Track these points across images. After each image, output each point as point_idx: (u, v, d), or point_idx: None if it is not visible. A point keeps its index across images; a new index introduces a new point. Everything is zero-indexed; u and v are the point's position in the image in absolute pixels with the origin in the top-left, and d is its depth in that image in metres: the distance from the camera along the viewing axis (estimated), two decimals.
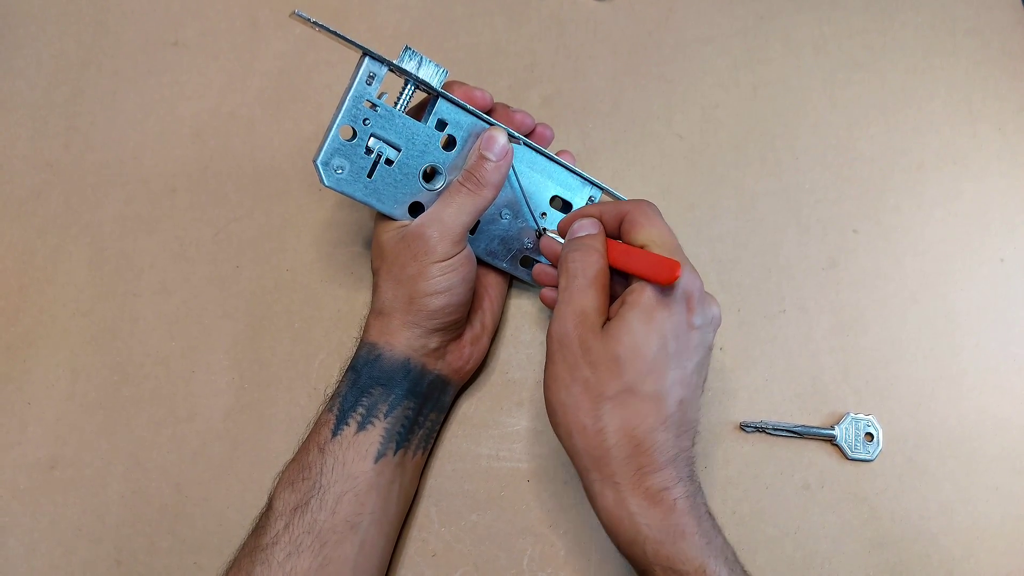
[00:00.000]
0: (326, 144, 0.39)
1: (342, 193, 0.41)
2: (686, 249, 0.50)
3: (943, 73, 0.55)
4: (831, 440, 0.46)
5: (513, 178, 0.45)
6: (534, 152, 0.45)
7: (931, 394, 0.48)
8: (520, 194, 0.46)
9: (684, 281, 0.37)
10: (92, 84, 0.55)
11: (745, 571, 0.37)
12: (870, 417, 0.47)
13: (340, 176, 0.40)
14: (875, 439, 0.46)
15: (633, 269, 0.38)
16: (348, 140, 0.40)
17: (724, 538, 0.37)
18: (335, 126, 0.39)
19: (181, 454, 0.47)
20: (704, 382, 0.39)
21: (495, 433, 0.47)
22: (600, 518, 0.37)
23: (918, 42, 0.55)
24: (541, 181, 0.46)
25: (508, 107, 0.45)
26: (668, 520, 0.35)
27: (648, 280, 0.37)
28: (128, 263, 0.51)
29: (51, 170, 0.53)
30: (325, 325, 0.50)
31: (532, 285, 0.49)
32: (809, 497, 0.46)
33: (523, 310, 0.50)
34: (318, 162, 0.39)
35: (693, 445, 0.38)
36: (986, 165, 0.52)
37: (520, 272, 0.48)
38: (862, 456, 0.46)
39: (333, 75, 0.55)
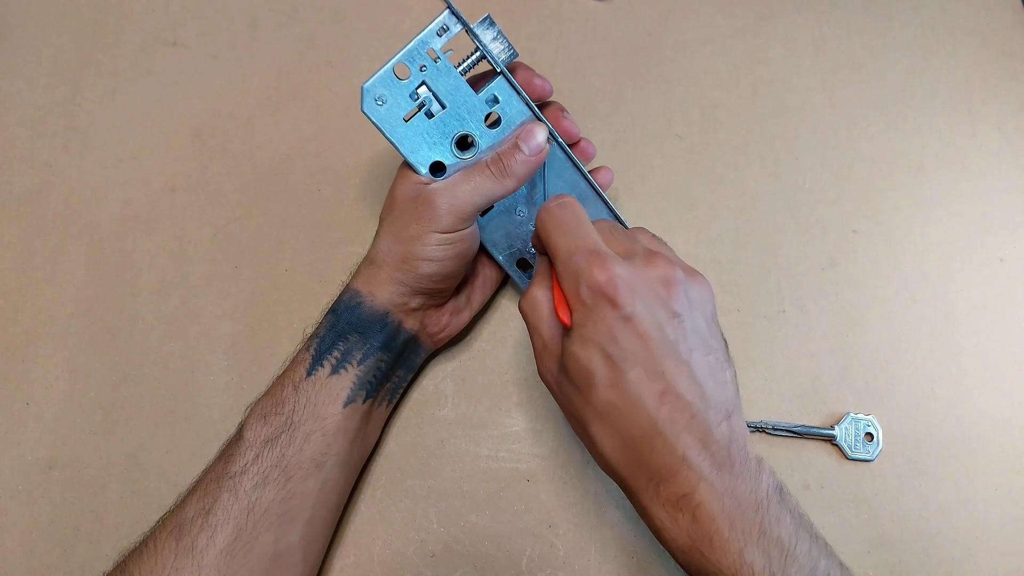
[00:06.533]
0: (377, 73, 0.40)
1: (373, 123, 0.41)
2: (685, 250, 0.51)
3: (943, 74, 0.55)
4: (831, 440, 0.46)
5: (540, 180, 0.45)
6: (568, 162, 0.44)
7: (931, 394, 0.48)
8: (542, 198, 0.45)
9: (589, 281, 0.34)
10: (91, 84, 0.55)
11: (815, 551, 0.33)
12: (870, 417, 0.47)
13: (378, 107, 0.40)
14: (875, 439, 0.46)
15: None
16: (400, 79, 0.40)
17: (789, 524, 0.33)
18: (392, 60, 0.40)
19: (180, 454, 0.47)
20: (711, 357, 0.35)
21: (494, 434, 0.47)
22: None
23: (918, 43, 0.55)
24: (565, 194, 0.45)
25: (563, 109, 0.44)
26: (695, 529, 0.33)
27: None
28: (127, 263, 0.51)
29: (50, 170, 0.53)
30: None
31: (521, 288, 0.49)
32: (809, 497, 0.45)
33: None
34: (364, 86, 0.40)
35: (721, 431, 0.34)
36: (986, 165, 0.52)
37: (513, 272, 0.47)
38: (862, 456, 0.46)
39: (332, 75, 0.55)
